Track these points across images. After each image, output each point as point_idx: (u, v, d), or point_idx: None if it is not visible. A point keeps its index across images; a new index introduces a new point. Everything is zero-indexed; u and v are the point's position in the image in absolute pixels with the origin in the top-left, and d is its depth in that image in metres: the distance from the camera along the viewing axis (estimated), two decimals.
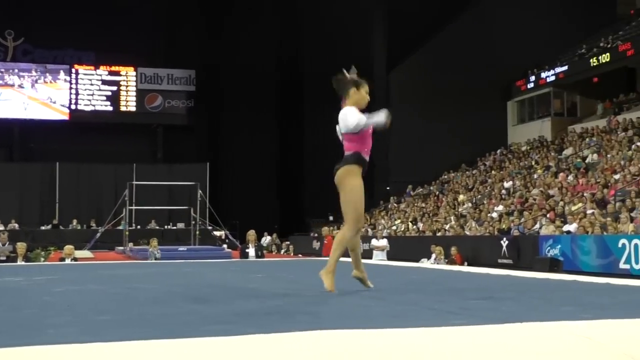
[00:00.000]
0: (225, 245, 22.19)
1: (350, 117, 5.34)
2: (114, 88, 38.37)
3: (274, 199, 38.32)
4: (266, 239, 30.24)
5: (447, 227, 23.37)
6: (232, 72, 37.75)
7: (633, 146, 23.09)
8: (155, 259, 16.30)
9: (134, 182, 27.72)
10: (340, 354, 2.81)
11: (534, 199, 21.79)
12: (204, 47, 37.62)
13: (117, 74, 38.49)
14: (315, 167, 38.33)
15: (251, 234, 16.08)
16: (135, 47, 37.08)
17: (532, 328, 3.31)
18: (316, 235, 31.55)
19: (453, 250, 17.94)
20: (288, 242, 24.98)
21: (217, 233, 24.91)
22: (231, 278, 8.12)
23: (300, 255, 20.23)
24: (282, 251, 28.13)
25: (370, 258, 19.09)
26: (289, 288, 6.28)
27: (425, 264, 16.41)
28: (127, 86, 38.57)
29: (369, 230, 27.52)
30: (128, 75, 38.59)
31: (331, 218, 34.28)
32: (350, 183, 5.39)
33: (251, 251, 15.70)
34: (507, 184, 26.08)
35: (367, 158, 5.45)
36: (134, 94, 38.60)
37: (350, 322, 3.57)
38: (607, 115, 29.43)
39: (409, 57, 35.84)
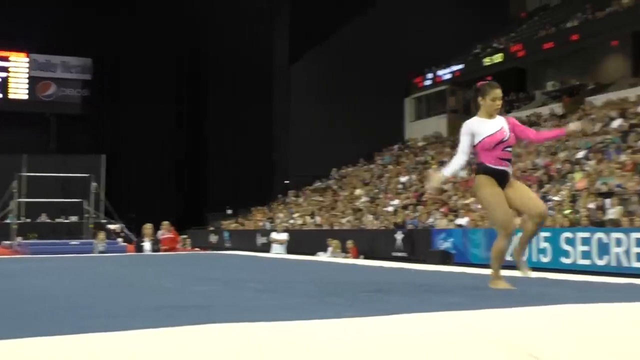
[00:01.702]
0: (120, 239, 21.69)
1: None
2: (3, 74, 36.84)
3: (174, 192, 37.77)
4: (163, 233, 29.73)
5: (344, 220, 23.65)
6: (132, 62, 36.89)
7: (522, 143, 24.02)
8: (100, 252, 15.88)
9: (24, 174, 26.70)
10: (229, 348, 2.81)
11: (429, 193, 22.34)
12: (102, 35, 36.54)
13: (6, 59, 36.96)
14: (215, 161, 38.07)
15: (147, 227, 15.82)
16: (27, 32, 35.63)
17: (419, 319, 3.41)
18: (213, 229, 31.34)
19: (349, 243, 18.16)
20: (185, 236, 24.67)
21: (112, 226, 24.31)
22: (123, 273, 7.97)
23: (197, 249, 20.01)
24: (179, 245, 27.74)
25: (269, 251, 19.11)
26: (182, 282, 6.22)
27: (321, 257, 16.56)
28: (17, 73, 37.09)
29: (267, 224, 27.54)
30: (19, 62, 37.12)
31: (229, 212, 34.12)
32: (480, 195, 5.39)
33: (147, 245, 15.44)
34: (403, 179, 26.62)
35: (496, 167, 5.27)
36: (26, 81, 37.16)
37: (241, 316, 3.58)
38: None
39: (310, 50, 36.03)
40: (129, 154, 36.76)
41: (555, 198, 16.18)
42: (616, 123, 20.94)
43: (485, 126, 5.31)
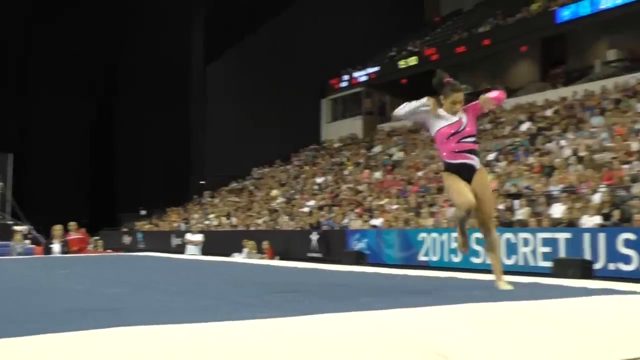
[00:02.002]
0: (27, 242, 21.00)
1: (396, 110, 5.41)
2: None
3: (86, 192, 36.89)
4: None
5: (260, 221, 23.61)
6: (42, 57, 35.82)
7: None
8: (18, 254, 15.25)
9: None
10: (141, 351, 2.78)
11: (344, 194, 22.56)
12: (8, 26, 35.29)
13: None
14: (129, 161, 37.37)
15: (57, 228, 15.36)
16: None
17: (332, 319, 3.45)
18: (127, 230, 30.75)
19: (265, 244, 18.16)
20: (97, 237, 24.13)
21: (18, 228, 23.49)
22: (30, 275, 7.75)
23: (110, 251, 19.58)
24: (91, 246, 27.09)
25: (183, 253, 18.91)
26: (92, 284, 6.10)
27: (236, 258, 16.49)
28: None
29: (182, 225, 27.23)
30: None
31: (143, 212, 33.57)
32: (445, 190, 5.45)
33: (56, 247, 15.01)
34: (319, 180, 26.77)
35: (452, 161, 5.22)
36: None
37: (153, 318, 3.53)
38: None
39: (227, 50, 35.82)
40: (37, 153, 35.70)
41: None
42: (525, 126, 21.65)
43: (442, 120, 5.28)
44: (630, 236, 10.52)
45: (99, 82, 38.20)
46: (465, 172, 5.20)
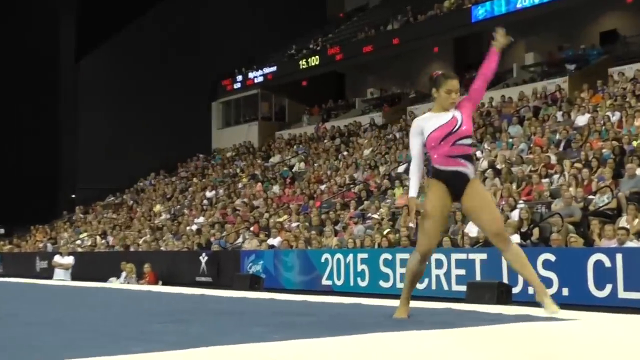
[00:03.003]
0: None
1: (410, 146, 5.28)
2: None
3: None
4: None
5: (140, 241, 23.23)
6: None
7: (340, 155, 24.79)
8: None
9: None
10: None
11: (238, 210, 22.46)
12: None
13: None
14: None
15: None
16: None
17: (217, 352, 3.41)
18: None
19: (146, 267, 17.86)
20: None
21: None
22: None
23: None
24: None
25: (51, 278, 18.43)
26: None
27: (114, 283, 16.15)
28: None
29: (49, 245, 26.46)
30: None
31: (2, 231, 32.46)
32: (425, 203, 5.20)
33: None
34: (209, 194, 26.58)
35: (444, 168, 5.12)
36: None
37: (9, 358, 3.41)
38: (315, 122, 31.32)
39: (102, 44, 35.16)
40: None
41: (375, 216, 16.81)
42: None
43: (433, 121, 5.16)
44: (550, 257, 10.89)
45: None
46: (457, 183, 5.11)
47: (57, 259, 19.42)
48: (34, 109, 35.30)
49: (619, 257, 9.94)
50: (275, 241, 17.56)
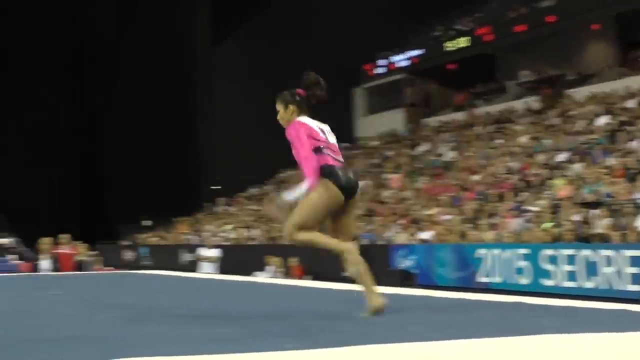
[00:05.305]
0: (12, 257, 21.23)
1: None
2: None
3: (77, 199, 37.21)
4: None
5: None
6: (23, 43, 36.17)
7: (493, 143, 24.34)
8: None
9: None
10: None
11: (385, 202, 22.47)
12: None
13: None
14: (124, 163, 37.55)
15: (45, 242, 15.66)
16: None
17: (373, 351, 3.41)
18: (128, 243, 30.92)
19: (293, 261, 18.13)
20: (96, 252, 24.15)
21: (1, 241, 23.77)
22: (12, 297, 7.86)
23: (111, 269, 19.71)
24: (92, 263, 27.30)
25: (195, 270, 18.87)
26: (86, 309, 6.14)
27: (259, 277, 16.48)
28: None
29: (193, 237, 27.33)
30: None
31: (148, 223, 33.69)
32: None
33: (44, 263, 15.24)
34: None
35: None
36: None
37: (161, 349, 3.52)
38: (466, 107, 30.86)
39: (236, 31, 35.82)
40: (20, 154, 36.05)
41: (534, 208, 16.43)
42: (602, 121, 21.37)
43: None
44: None
45: (86, 74, 38.46)
46: None
47: (203, 251, 19.94)
48: (171, 103, 36.48)
49: None
50: (426, 235, 17.45)
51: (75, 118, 38.16)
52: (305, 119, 5.57)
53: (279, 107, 5.72)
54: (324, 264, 18.46)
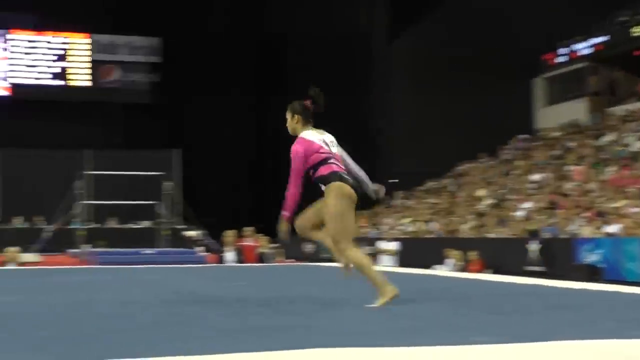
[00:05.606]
0: (200, 248, 22.22)
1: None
2: (62, 59, 38.11)
3: (252, 193, 38.27)
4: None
5: (464, 227, 23.48)
6: (208, 42, 37.56)
7: None
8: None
9: (88, 172, 27.56)
10: None
11: (568, 194, 21.95)
12: (173, 11, 37.33)
13: (65, 41, 38.18)
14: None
15: (229, 234, 16.22)
16: (87, 9, 36.63)
17: (565, 347, 3.38)
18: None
19: (473, 255, 18.01)
20: (277, 245, 24.84)
21: (189, 233, 24.87)
22: (204, 286, 8.24)
23: (294, 261, 20.27)
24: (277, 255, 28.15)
25: (376, 263, 19.03)
26: (276, 298, 6.36)
27: (439, 271, 16.44)
28: (78, 56, 38.34)
29: (372, 231, 27.60)
30: (79, 44, 38.35)
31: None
32: None
33: (229, 255, 15.80)
34: (535, 177, 26.19)
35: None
36: (88, 65, 38.33)
37: (353, 339, 3.63)
38: None
39: (415, 26, 35.83)
40: (201, 149, 37.39)
41: None
42: None
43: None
44: None
45: (265, 71, 39.41)
46: None
47: (382, 244, 20.14)
48: (345, 95, 36.78)
49: None
50: (613, 228, 16.93)
51: (261, 116, 39.22)
52: (309, 134, 6.02)
53: (288, 115, 6.16)
54: (499, 258, 18.27)
